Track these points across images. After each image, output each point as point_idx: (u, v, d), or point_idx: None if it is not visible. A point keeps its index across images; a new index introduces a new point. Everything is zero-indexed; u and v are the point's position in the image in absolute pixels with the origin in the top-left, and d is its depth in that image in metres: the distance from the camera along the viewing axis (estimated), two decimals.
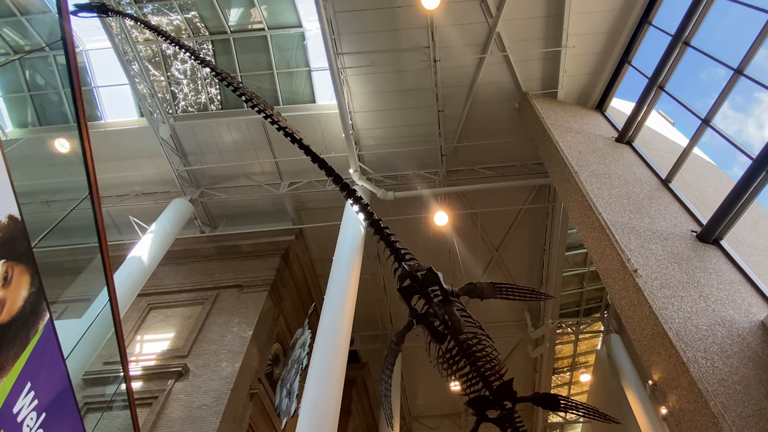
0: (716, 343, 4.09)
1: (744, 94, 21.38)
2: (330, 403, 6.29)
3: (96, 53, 10.45)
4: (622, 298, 5.02)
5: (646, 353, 4.55)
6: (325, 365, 6.68)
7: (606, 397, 14.46)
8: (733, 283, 4.82)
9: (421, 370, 15.25)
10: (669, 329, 4.20)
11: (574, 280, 14.07)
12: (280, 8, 9.68)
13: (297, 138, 4.14)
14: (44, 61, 10.65)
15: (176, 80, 10.68)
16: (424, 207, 10.98)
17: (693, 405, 3.78)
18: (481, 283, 3.54)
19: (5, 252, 3.38)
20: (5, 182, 3.31)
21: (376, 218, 3.83)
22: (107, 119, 11.02)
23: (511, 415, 3.16)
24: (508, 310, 14.05)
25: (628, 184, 6.58)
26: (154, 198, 11.38)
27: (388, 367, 3.56)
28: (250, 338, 8.74)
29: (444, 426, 17.66)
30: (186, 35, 9.99)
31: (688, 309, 4.44)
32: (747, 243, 5.62)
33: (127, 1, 9.56)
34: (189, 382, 7.86)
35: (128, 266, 8.56)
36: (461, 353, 3.17)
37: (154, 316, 9.67)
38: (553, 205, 11.58)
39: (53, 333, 3.88)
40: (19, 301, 3.62)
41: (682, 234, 5.56)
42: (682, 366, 3.94)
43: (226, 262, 10.92)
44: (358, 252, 8.79)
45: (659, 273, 4.87)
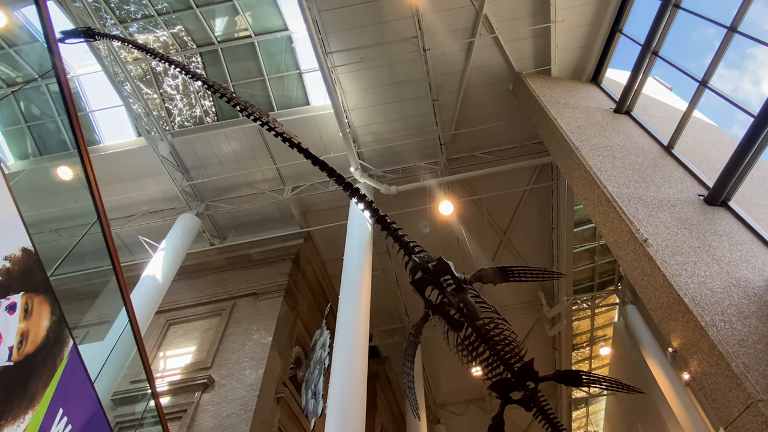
0: (733, 304, 4.08)
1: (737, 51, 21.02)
2: (356, 400, 6.37)
3: (87, 77, 10.50)
4: (635, 269, 5.01)
5: (664, 321, 4.55)
6: (347, 363, 6.76)
7: (627, 368, 14.48)
8: (744, 243, 4.79)
9: (442, 359, 15.34)
10: (684, 295, 4.20)
11: (585, 255, 14.02)
12: (264, 13, 9.66)
13: (295, 142, 4.16)
14: (37, 90, 10.73)
15: (169, 96, 10.73)
16: (428, 198, 10.98)
17: (715, 368, 3.79)
18: (493, 267, 3.56)
19: (23, 284, 3.45)
20: (15, 216, 3.37)
21: (382, 214, 3.85)
22: (106, 142, 11.11)
23: (534, 395, 3.20)
24: (522, 292, 14.06)
25: (631, 154, 6.54)
26: (160, 216, 11.48)
27: (408, 359, 3.60)
28: (271, 344, 8.84)
29: (470, 411, 17.79)
30: (174, 50, 10.01)
31: (701, 273, 4.43)
32: (755, 202, 5.57)
33: (112, 23, 9.59)
34: (215, 393, 7.99)
35: (143, 285, 8.68)
36: (480, 339, 3.20)
37: (174, 332, 9.81)
38: (557, 183, 11.53)
39: (79, 358, 3.97)
40: (42, 331, 3.70)
41: (690, 199, 5.53)
42: (700, 330, 3.95)
43: (238, 271, 11.02)
44: (368, 249, 8.83)
45: (670, 240, 4.85)
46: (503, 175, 10.84)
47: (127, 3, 9.57)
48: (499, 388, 3.20)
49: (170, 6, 9.44)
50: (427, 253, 3.66)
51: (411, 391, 3.62)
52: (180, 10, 9.42)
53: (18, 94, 10.89)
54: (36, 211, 11.12)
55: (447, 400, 17.78)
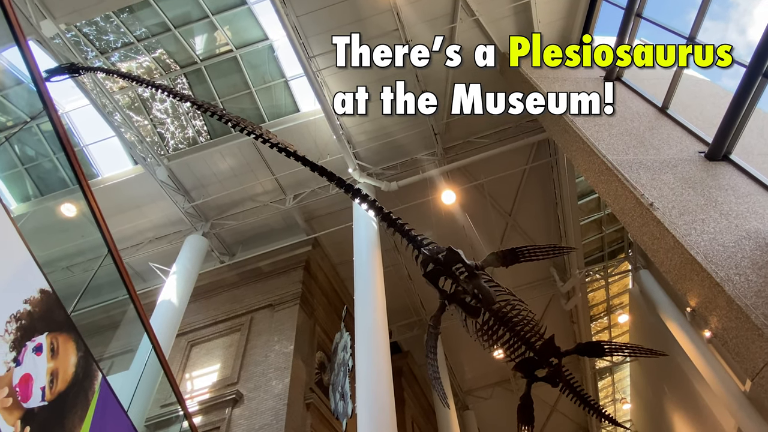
0: (746, 257, 4.09)
1: (720, 2, 20.73)
2: (384, 397, 6.44)
3: (76, 113, 10.54)
4: (644, 234, 5.02)
5: (679, 282, 4.56)
6: (371, 362, 6.83)
7: (647, 332, 14.48)
8: (751, 195, 4.78)
9: (463, 346, 15.40)
10: (696, 254, 4.21)
11: (592, 226, 14.00)
12: (242, 26, 9.66)
13: (291, 151, 4.18)
14: (29, 132, 10.79)
15: (160, 121, 10.78)
16: (429, 189, 10.99)
17: (735, 322, 3.80)
18: (503, 250, 3.59)
19: (46, 325, 3.52)
20: (28, 259, 3.43)
21: (386, 211, 3.88)
22: (104, 175, 11.19)
23: (559, 370, 3.23)
24: (534, 271, 14.07)
25: (626, 120, 6.51)
26: (167, 240, 11.57)
27: (431, 350, 3.64)
28: (293, 352, 8.93)
29: (496, 394, 17.88)
30: (158, 74, 10.04)
31: (711, 230, 4.43)
32: (757, 151, 5.55)
33: (94, 55, 9.63)
34: (245, 407, 8.10)
35: (161, 310, 8.78)
36: (498, 322, 3.24)
37: (196, 352, 9.92)
38: (555, 158, 11.50)
39: (109, 389, 4.04)
40: (70, 368, 3.77)
41: (691, 157, 5.52)
42: (716, 287, 3.95)
43: (252, 285, 11.10)
44: (376, 248, 8.87)
45: (676, 201, 4.85)
46: (501, 157, 10.83)
47: (106, 33, 9.60)
48: (523, 367, 3.24)
49: (148, 31, 9.47)
50: (436, 245, 3.69)
51: (437, 381, 3.66)
52: (159, 33, 9.45)
53: (12, 138, 10.97)
54: (46, 251, 11.24)
55: (473, 385, 17.87)
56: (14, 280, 3.31)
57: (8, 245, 3.33)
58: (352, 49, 4.26)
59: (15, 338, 3.17)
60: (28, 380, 3.28)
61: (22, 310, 3.30)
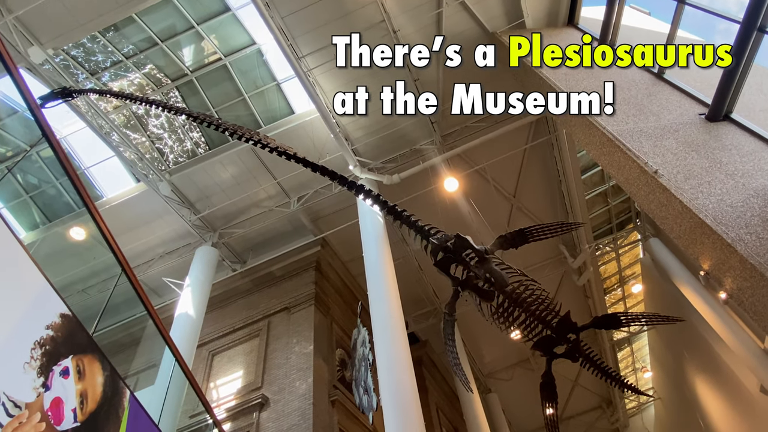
0: (755, 215, 4.06)
1: None
2: (407, 388, 6.52)
3: (74, 136, 10.57)
4: (651, 202, 5.00)
5: (690, 247, 4.55)
6: (391, 355, 6.91)
7: (662, 300, 14.45)
8: (755, 152, 4.74)
9: (480, 331, 15.48)
10: (705, 217, 4.19)
11: (598, 200, 13.92)
12: (228, 33, 9.63)
13: (291, 153, 4.20)
14: (29, 159, 10.87)
15: (157, 137, 10.83)
16: (432, 178, 10.97)
17: (750, 281, 3.79)
18: (511, 232, 3.60)
19: (70, 348, 3.59)
20: (45, 286, 3.49)
21: (391, 205, 3.90)
22: (108, 195, 11.28)
23: (577, 345, 3.26)
24: (544, 250, 14.05)
25: (623, 88, 6.45)
26: (178, 254, 11.69)
27: (448, 338, 3.68)
28: (313, 352, 9.03)
29: (517, 374, 17.98)
30: (150, 90, 10.07)
31: (718, 192, 4.41)
32: (758, 108, 5.48)
33: (84, 77, 9.66)
34: (272, 409, 8.23)
35: (179, 323, 8.90)
36: (513, 304, 3.27)
37: (218, 361, 10.07)
38: (555, 134, 11.41)
39: (139, 405, 4.13)
40: (98, 388, 3.85)
41: (691, 120, 5.46)
42: (728, 248, 3.94)
43: (266, 290, 11.20)
44: (385, 242, 8.90)
45: (680, 166, 4.82)
46: (500, 139, 10.76)
47: (94, 54, 9.62)
48: (542, 346, 3.27)
49: (136, 47, 9.48)
50: (444, 233, 3.71)
51: (458, 367, 3.71)
52: (146, 48, 9.45)
53: (13, 168, 11.07)
54: (60, 276, 11.40)
55: (493, 368, 17.97)
56: (33, 307, 3.38)
57: (23, 273, 3.39)
58: (353, 49, 4.29)
59: (41, 364, 3.24)
60: (59, 403, 3.36)
61: (45, 335, 3.36)
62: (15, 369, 2.93)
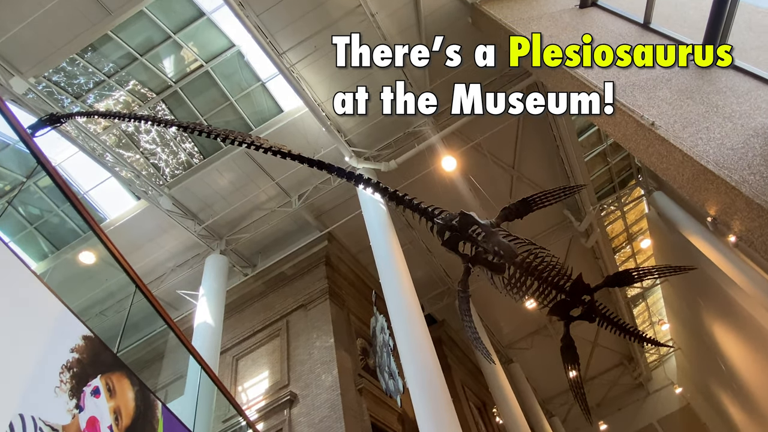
0: (757, 155, 4.04)
1: None
2: (430, 367, 6.63)
3: (68, 162, 10.55)
4: (651, 155, 4.97)
5: (694, 194, 4.53)
6: (410, 338, 7.01)
7: (672, 251, 14.47)
8: (750, 91, 4.67)
9: (495, 304, 15.61)
10: (707, 163, 4.17)
11: (597, 160, 13.84)
12: (206, 38, 9.51)
13: (285, 152, 4.20)
14: (28, 191, 10.89)
15: (151, 152, 10.81)
16: (429, 159, 10.93)
17: (758, 221, 3.79)
18: (514, 203, 3.61)
19: (97, 368, 3.66)
20: (63, 310, 3.54)
21: (392, 191, 3.90)
22: (111, 217, 11.34)
23: (593, 306, 3.29)
24: (549, 217, 14.05)
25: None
26: (188, 266, 11.79)
27: (465, 314, 3.72)
28: (334, 345, 9.16)
29: (536, 341, 18.20)
30: (136, 106, 10.01)
31: (717, 136, 4.37)
32: (749, 46, 5.38)
33: (69, 101, 9.62)
34: (302, 404, 8.41)
35: (200, 333, 9.04)
36: (524, 273, 3.29)
37: (243, 365, 10.24)
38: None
39: (172, 415, 4.24)
40: (131, 402, 3.95)
41: (683, 67, 5.37)
42: (732, 191, 3.93)
43: (279, 290, 11.31)
44: (390, 229, 8.93)
45: (676, 115, 4.77)
46: None
47: (75, 77, 9.55)
48: (558, 310, 3.30)
49: (116, 65, 9.39)
50: (448, 212, 3.72)
51: (478, 341, 3.76)
52: (126, 65, 9.37)
53: (14, 201, 11.11)
54: (77, 302, 11.55)
55: (512, 339, 18.19)
56: (55, 333, 3.44)
57: (41, 302, 3.44)
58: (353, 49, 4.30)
59: (71, 386, 3.31)
60: (94, 422, 3.44)
61: (71, 358, 3.43)
62: (47, 394, 3.01)
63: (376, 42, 9.31)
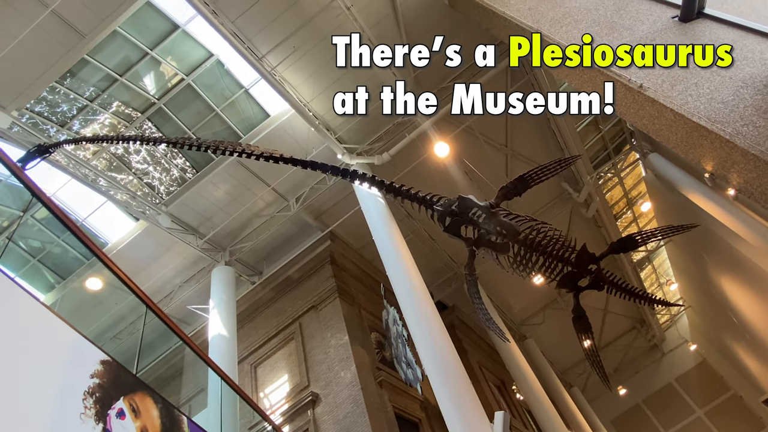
0: (748, 105, 4.03)
1: None
2: (446, 354, 6.69)
3: (62, 191, 10.51)
4: (642, 118, 4.95)
5: (690, 152, 4.53)
6: (423, 327, 7.07)
7: (673, 211, 14.50)
8: (736, 42, 4.64)
9: (503, 283, 15.69)
10: (699, 119, 4.16)
11: (590, 129, 13.81)
12: (183, 50, 9.43)
13: (277, 156, 4.20)
14: (26, 224, 10.88)
15: (143, 171, 10.78)
16: (422, 148, 10.90)
17: (755, 171, 3.80)
18: (511, 181, 3.61)
19: (119, 391, 3.70)
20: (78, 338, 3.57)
21: (388, 183, 3.91)
22: (112, 241, 11.35)
23: (600, 274, 3.31)
24: (547, 191, 14.06)
25: (591, 11, 6.29)
26: (195, 280, 11.82)
27: (475, 296, 3.75)
28: (349, 341, 9.23)
29: (548, 316, 18.32)
30: (123, 127, 9.96)
31: (706, 91, 4.35)
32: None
33: (55, 130, 9.56)
34: (325, 403, 8.50)
35: (215, 345, 9.11)
36: (529, 250, 3.31)
37: (262, 371, 10.33)
38: (533, 73, 11.22)
39: (198, 428, 4.29)
40: (156, 420, 4.00)
41: (666, 26, 5.34)
42: (727, 144, 3.93)
43: (288, 294, 11.37)
44: (391, 221, 8.94)
45: (664, 75, 4.74)
46: None
47: (58, 105, 9.50)
48: (565, 282, 3.33)
49: (97, 88, 9.33)
50: (446, 198, 3.73)
51: (490, 322, 3.79)
52: (107, 87, 9.30)
53: (14, 236, 11.10)
54: (89, 328, 11.61)
55: (524, 316, 18.31)
56: (73, 362, 3.47)
57: (54, 332, 3.47)
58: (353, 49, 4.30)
59: (96, 411, 3.35)
60: None
61: (92, 384, 3.47)
62: (73, 422, 3.04)
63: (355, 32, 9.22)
